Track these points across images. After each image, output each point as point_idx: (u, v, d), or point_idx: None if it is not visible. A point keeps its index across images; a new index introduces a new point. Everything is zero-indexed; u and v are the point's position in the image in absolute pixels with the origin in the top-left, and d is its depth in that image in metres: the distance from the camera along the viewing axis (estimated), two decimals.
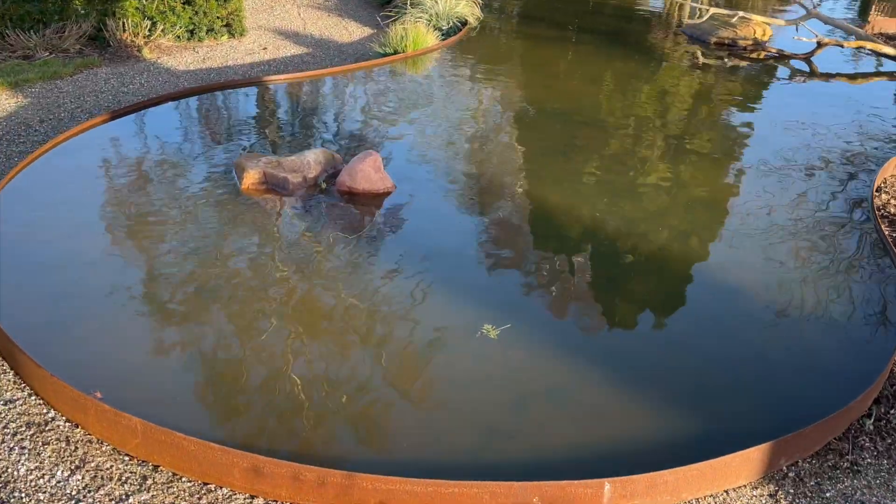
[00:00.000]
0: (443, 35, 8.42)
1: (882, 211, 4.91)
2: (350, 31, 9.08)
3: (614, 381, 3.10)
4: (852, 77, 8.07)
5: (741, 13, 8.69)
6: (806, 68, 8.13)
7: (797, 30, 8.76)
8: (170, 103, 5.90)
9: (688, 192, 5.00)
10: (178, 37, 7.75)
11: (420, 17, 8.66)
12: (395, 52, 7.47)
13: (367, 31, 9.17)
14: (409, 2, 9.11)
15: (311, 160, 4.65)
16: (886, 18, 10.40)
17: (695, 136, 6.00)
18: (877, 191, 5.19)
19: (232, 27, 8.15)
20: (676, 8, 11.73)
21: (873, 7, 13.13)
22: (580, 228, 4.36)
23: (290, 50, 8.13)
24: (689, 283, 3.89)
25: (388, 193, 4.56)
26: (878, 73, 8.15)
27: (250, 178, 4.50)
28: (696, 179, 5.20)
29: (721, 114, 6.64)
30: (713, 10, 8.75)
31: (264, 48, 8.08)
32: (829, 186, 5.16)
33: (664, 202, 4.77)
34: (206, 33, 7.96)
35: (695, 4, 11.26)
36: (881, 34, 9.82)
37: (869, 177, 5.39)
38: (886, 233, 4.51)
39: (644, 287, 3.85)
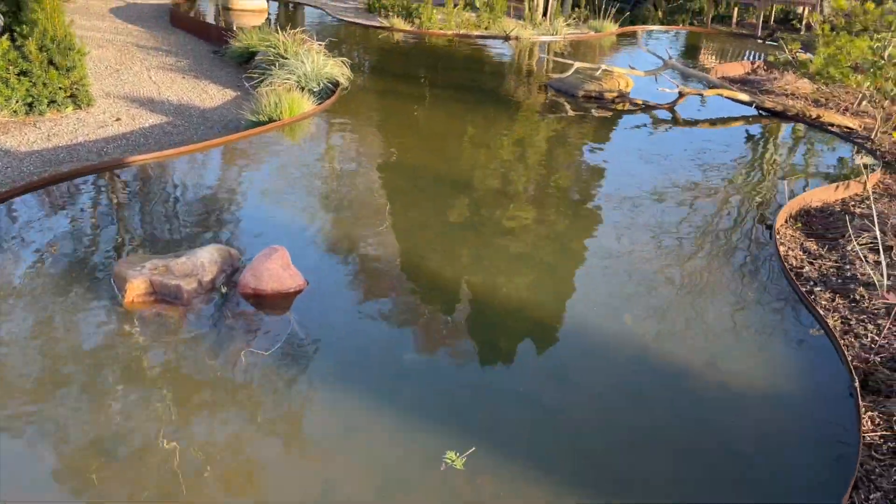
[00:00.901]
0: (317, 98, 8.01)
1: (784, 262, 5.04)
2: (211, 95, 8.45)
3: (596, 498, 2.82)
4: (713, 122, 8.51)
5: (604, 66, 8.96)
6: (670, 116, 8.48)
7: (656, 80, 9.16)
8: (17, 198, 5.07)
9: (616, 264, 4.89)
10: (15, 111, 6.81)
11: (288, 79, 8.21)
12: (271, 120, 6.96)
13: (230, 93, 8.58)
14: (276, 62, 8.63)
15: (206, 260, 4.08)
16: (727, 64, 11.18)
17: (587, 193, 5.97)
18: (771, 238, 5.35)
19: (77, 97, 7.29)
20: (526, 56, 12.04)
21: (701, 51, 14.19)
22: (515, 315, 4.09)
23: (148, 119, 7.40)
24: (634, 366, 3.71)
25: (299, 291, 4.08)
26: (734, 119, 8.65)
27: (135, 289, 3.86)
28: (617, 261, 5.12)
29: (586, 162, 6.69)
30: (578, 63, 8.96)
31: (117, 119, 7.29)
32: (725, 236, 5.26)
33: (592, 280, 4.63)
34: (48, 105, 7.07)
35: (544, 55, 11.59)
36: (724, 77, 10.53)
37: (750, 221, 5.58)
38: (801, 287, 4.61)
39: (592, 378, 3.63)
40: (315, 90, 8.23)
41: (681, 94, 8.55)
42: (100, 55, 9.77)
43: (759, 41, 15.25)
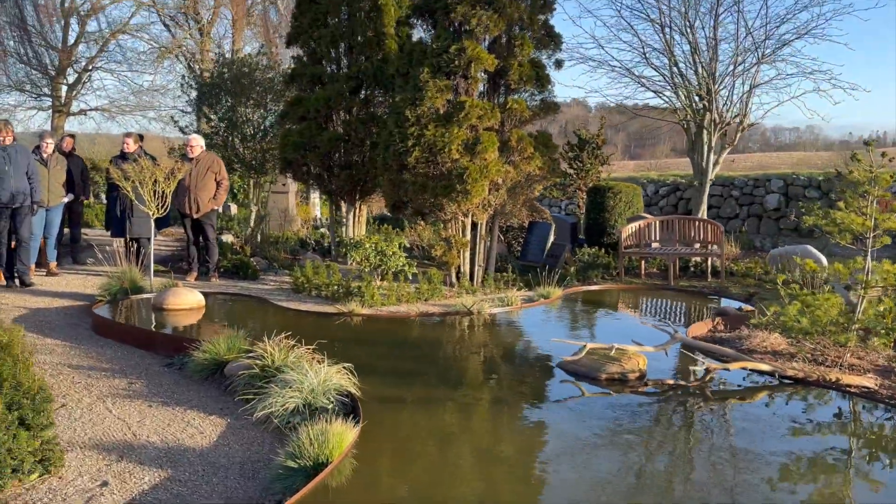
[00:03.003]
0: (336, 418, 6.83)
1: None
2: (199, 428, 7.01)
3: None
4: (742, 396, 8.20)
5: (616, 345, 8.62)
6: (699, 394, 8.09)
7: (666, 354, 8.90)
8: None
9: None
10: None
11: (293, 398, 7.04)
12: (317, 464, 5.68)
13: (220, 422, 7.18)
14: (267, 377, 7.48)
15: None
16: (694, 325, 11.31)
17: None
18: None
19: (49, 461, 5.69)
20: (507, 334, 11.64)
21: (619, 305, 14.55)
22: None
23: (143, 477, 5.85)
24: None
25: None
26: (758, 389, 8.41)
27: None
28: None
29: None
30: (590, 345, 8.57)
31: (104, 483, 5.70)
32: None
33: None
34: (12, 474, 5.41)
35: (555, 336, 11.21)
36: (695, 337, 10.54)
37: None
38: None
39: None
40: (328, 407, 7.07)
41: (708, 371, 8.25)
42: None
43: (674, 290, 16.02)
